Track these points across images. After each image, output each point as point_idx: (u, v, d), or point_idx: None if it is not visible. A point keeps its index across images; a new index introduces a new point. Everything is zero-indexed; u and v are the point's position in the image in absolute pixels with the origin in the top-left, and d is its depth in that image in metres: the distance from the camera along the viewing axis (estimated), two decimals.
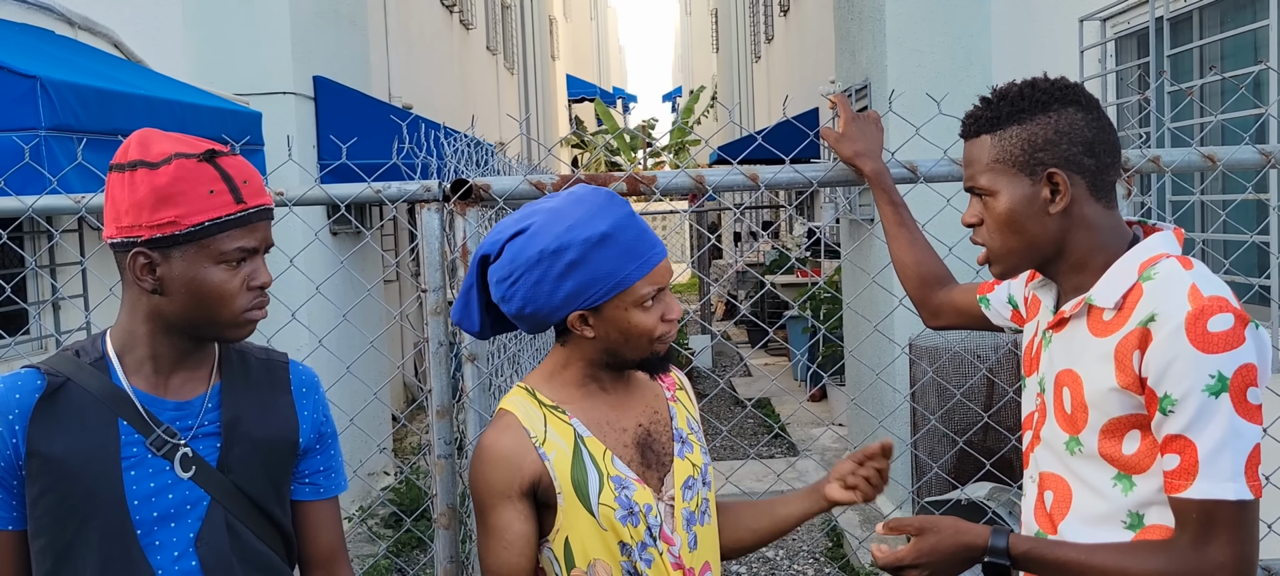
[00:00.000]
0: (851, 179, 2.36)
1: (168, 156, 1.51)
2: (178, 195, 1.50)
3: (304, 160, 6.49)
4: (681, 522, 1.80)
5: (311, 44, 6.84)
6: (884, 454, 1.89)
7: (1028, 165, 1.63)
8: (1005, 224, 1.67)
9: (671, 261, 1.91)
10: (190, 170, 1.51)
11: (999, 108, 1.66)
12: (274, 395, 1.71)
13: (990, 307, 2.05)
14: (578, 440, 1.77)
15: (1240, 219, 4.08)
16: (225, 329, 1.59)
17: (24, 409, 1.52)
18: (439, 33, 12.30)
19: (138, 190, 1.51)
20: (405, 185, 2.42)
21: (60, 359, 1.59)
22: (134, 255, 1.53)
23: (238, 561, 1.61)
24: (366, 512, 6.89)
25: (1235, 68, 4.07)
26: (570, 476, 1.75)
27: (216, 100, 5.46)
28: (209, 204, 1.52)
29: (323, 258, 6.34)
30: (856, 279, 7.21)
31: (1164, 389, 1.51)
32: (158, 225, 1.51)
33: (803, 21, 12.93)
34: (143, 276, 1.53)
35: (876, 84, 6.29)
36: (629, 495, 1.76)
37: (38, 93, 3.85)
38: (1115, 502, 1.61)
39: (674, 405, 1.90)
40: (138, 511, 1.54)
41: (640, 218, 1.77)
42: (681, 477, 1.82)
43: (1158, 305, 1.53)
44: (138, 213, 1.51)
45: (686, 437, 1.87)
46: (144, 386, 1.58)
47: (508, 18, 18.77)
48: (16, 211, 2.48)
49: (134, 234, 1.52)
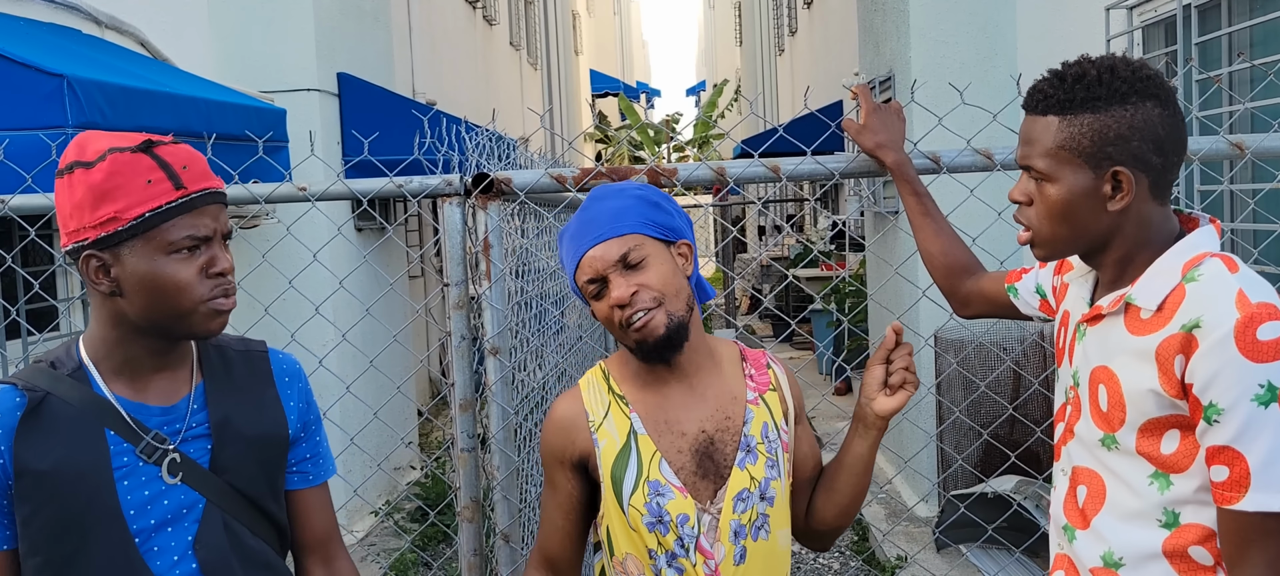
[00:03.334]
0: (874, 170, 2.35)
1: (102, 154, 1.47)
2: (114, 190, 1.46)
3: (328, 156, 6.52)
4: (727, 534, 1.76)
5: (335, 41, 6.88)
6: (898, 339, 1.81)
7: (1094, 158, 1.56)
8: (1058, 212, 1.60)
9: (698, 254, 1.89)
10: (125, 163, 1.46)
11: (1073, 90, 1.57)
12: (260, 389, 1.68)
13: (1018, 297, 2.02)
14: (631, 435, 1.78)
15: (1270, 207, 4.03)
16: (192, 322, 1.53)
17: (7, 427, 1.47)
18: (462, 28, 12.33)
19: (76, 191, 1.47)
20: (427, 180, 2.42)
21: (35, 372, 1.53)
22: (85, 259, 1.48)
23: (237, 560, 1.60)
24: (392, 507, 6.92)
25: (1264, 55, 4.02)
26: (611, 470, 1.77)
27: (241, 97, 5.49)
28: (148, 194, 1.47)
29: (346, 253, 6.37)
30: (880, 271, 7.17)
31: (1210, 397, 1.47)
32: (99, 223, 1.46)
33: (826, 13, 12.87)
34: (98, 279, 1.49)
35: (900, 75, 6.25)
36: (662, 503, 1.75)
37: (65, 91, 3.89)
38: (1151, 500, 1.59)
39: (754, 407, 1.84)
40: (134, 520, 1.52)
41: (600, 205, 1.78)
42: (735, 490, 1.77)
43: (1203, 310, 1.49)
44: (80, 214, 1.47)
45: (755, 446, 1.80)
46: (126, 393, 1.55)
47: (531, 13, 18.79)
48: (44, 208, 2.50)
49: (81, 238, 1.48)
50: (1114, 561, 1.63)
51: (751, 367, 1.87)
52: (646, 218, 1.77)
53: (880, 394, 1.81)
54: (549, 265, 3.82)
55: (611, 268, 1.73)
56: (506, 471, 2.44)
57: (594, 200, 1.80)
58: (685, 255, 1.81)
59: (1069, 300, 1.79)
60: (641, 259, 1.74)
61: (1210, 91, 4.01)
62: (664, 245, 1.78)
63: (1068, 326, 1.77)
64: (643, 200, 1.79)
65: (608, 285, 1.74)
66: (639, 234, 1.75)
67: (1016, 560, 4.99)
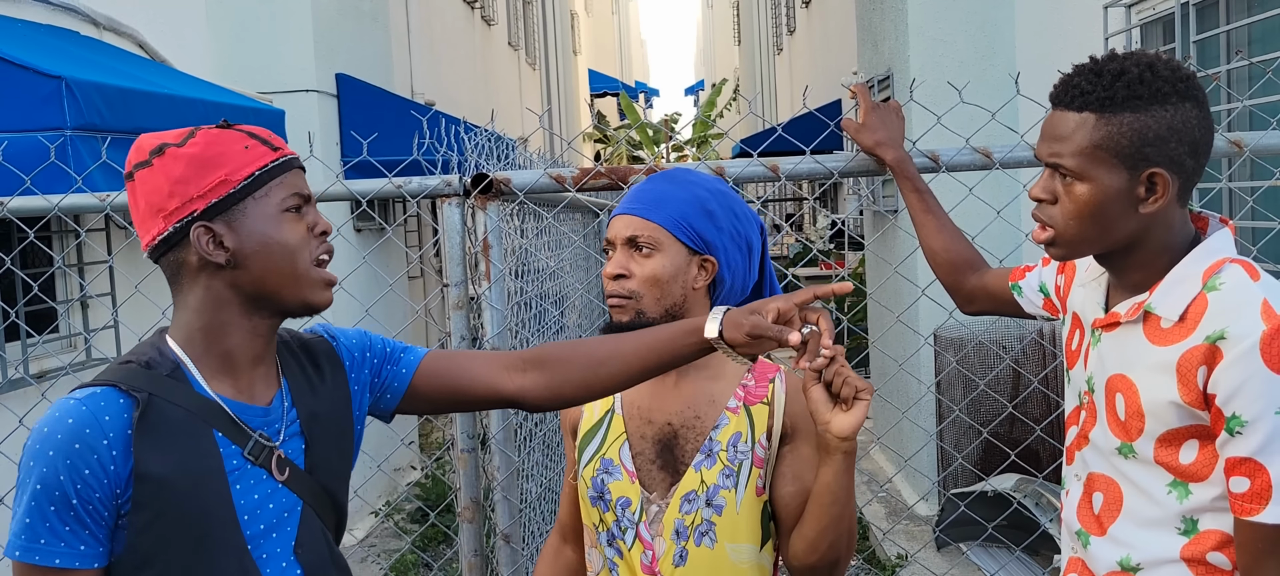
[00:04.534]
0: (873, 169, 2.35)
1: (189, 133, 1.44)
2: (217, 156, 1.42)
3: (327, 157, 6.52)
4: (669, 531, 1.76)
5: (334, 42, 6.88)
6: (832, 356, 1.51)
7: (1131, 159, 1.50)
8: (1087, 212, 1.54)
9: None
10: (216, 136, 1.43)
11: (1113, 87, 1.50)
12: (334, 379, 1.62)
13: (1022, 295, 2.00)
14: (609, 413, 1.84)
15: (1269, 205, 4.03)
16: (305, 289, 1.48)
17: (120, 432, 1.37)
18: (461, 29, 12.33)
19: (175, 167, 1.41)
20: (426, 180, 2.42)
21: (130, 373, 1.43)
22: (197, 232, 1.42)
23: (331, 563, 1.55)
24: (393, 507, 6.92)
25: (1263, 52, 4.02)
26: (580, 440, 1.86)
27: (240, 98, 5.49)
28: (249, 157, 1.44)
29: (345, 253, 6.37)
30: (880, 270, 7.17)
31: (1233, 409, 1.46)
32: (209, 189, 1.41)
33: (825, 12, 12.87)
34: (214, 252, 1.42)
35: (899, 74, 6.25)
36: (606, 481, 1.79)
37: (63, 93, 3.88)
38: (1169, 508, 1.57)
39: (732, 415, 1.78)
40: (247, 526, 1.45)
41: (659, 184, 1.80)
42: (684, 490, 1.76)
43: (1228, 321, 1.47)
44: (184, 188, 1.41)
45: (717, 453, 1.76)
46: (228, 393, 1.47)
47: (529, 13, 18.78)
48: (43, 210, 2.50)
49: (187, 212, 1.41)
50: (1132, 566, 1.62)
51: (752, 378, 1.81)
52: (683, 218, 1.75)
53: (833, 412, 1.56)
54: (548, 265, 3.82)
55: (621, 242, 1.77)
56: (506, 472, 2.44)
57: (664, 177, 1.82)
58: (704, 270, 1.78)
59: (1078, 301, 1.76)
60: (649, 251, 1.75)
61: (1208, 89, 4.01)
62: (686, 250, 1.76)
63: (1081, 329, 1.74)
64: (695, 201, 1.77)
65: (613, 253, 1.80)
66: (663, 228, 1.75)
67: (1016, 558, 4.99)
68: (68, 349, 5.12)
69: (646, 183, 1.81)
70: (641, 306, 1.75)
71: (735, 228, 1.79)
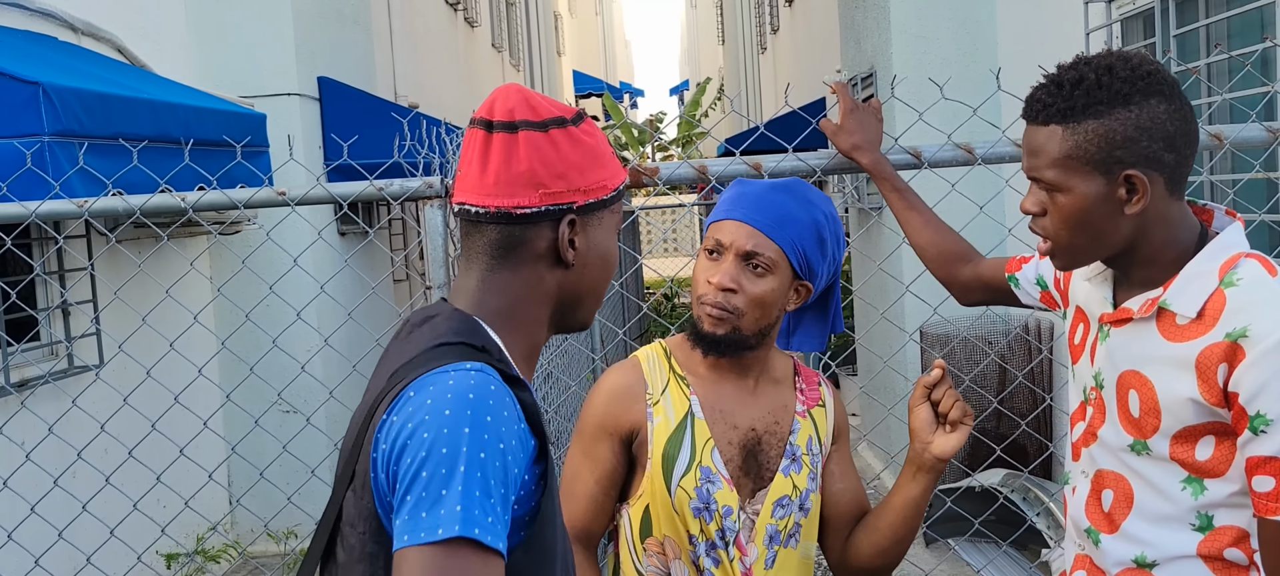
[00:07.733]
0: (855, 167, 2.35)
1: (578, 114, 1.36)
2: (605, 156, 1.36)
3: (309, 160, 6.49)
4: (762, 537, 1.77)
5: (315, 45, 6.84)
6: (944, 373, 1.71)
7: (1104, 164, 1.49)
8: (1074, 222, 1.54)
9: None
10: (599, 130, 1.37)
11: (1073, 97, 1.50)
12: None
13: (1019, 287, 1.99)
14: (688, 417, 1.78)
15: (1249, 197, 4.05)
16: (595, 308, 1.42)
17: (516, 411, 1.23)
18: (444, 31, 12.30)
19: (571, 151, 1.33)
20: (407, 182, 2.41)
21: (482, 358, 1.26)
22: (568, 223, 1.33)
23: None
24: None
25: (1242, 46, 4.04)
26: (664, 448, 1.76)
27: (220, 103, 5.46)
28: (618, 166, 1.39)
29: (328, 257, 6.34)
30: (865, 267, 7.19)
31: (1257, 408, 1.44)
32: (594, 187, 1.34)
33: (808, 11, 12.89)
34: (568, 249, 1.34)
35: (882, 71, 6.27)
36: (711, 490, 1.75)
37: (40, 98, 3.85)
38: (1184, 504, 1.57)
39: (802, 419, 1.84)
40: None
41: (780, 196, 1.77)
42: (777, 495, 1.78)
43: (1250, 319, 1.46)
44: (575, 176, 1.33)
45: (800, 456, 1.81)
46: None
47: (512, 14, 18.76)
48: (20, 217, 2.48)
49: (568, 199, 1.32)
50: (1148, 563, 1.61)
51: (803, 382, 1.88)
52: (801, 243, 1.75)
53: (936, 434, 1.69)
54: None
55: (736, 251, 1.74)
56: None
57: (784, 188, 1.78)
58: (798, 294, 1.79)
59: (1082, 295, 1.75)
60: (764, 271, 1.74)
61: (1188, 83, 4.03)
62: (793, 274, 1.77)
63: (1087, 324, 1.73)
64: (812, 226, 1.76)
65: (722, 258, 1.75)
66: (781, 249, 1.74)
67: (1004, 553, 5.01)
68: (49, 357, 5.08)
69: (765, 191, 1.77)
70: (741, 325, 1.74)
71: (835, 256, 1.81)
